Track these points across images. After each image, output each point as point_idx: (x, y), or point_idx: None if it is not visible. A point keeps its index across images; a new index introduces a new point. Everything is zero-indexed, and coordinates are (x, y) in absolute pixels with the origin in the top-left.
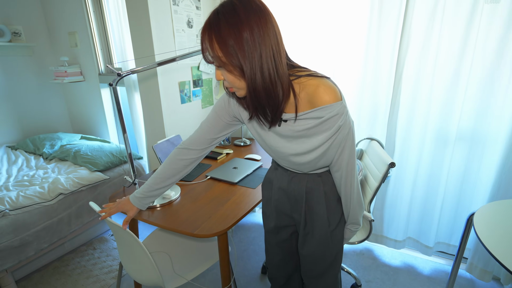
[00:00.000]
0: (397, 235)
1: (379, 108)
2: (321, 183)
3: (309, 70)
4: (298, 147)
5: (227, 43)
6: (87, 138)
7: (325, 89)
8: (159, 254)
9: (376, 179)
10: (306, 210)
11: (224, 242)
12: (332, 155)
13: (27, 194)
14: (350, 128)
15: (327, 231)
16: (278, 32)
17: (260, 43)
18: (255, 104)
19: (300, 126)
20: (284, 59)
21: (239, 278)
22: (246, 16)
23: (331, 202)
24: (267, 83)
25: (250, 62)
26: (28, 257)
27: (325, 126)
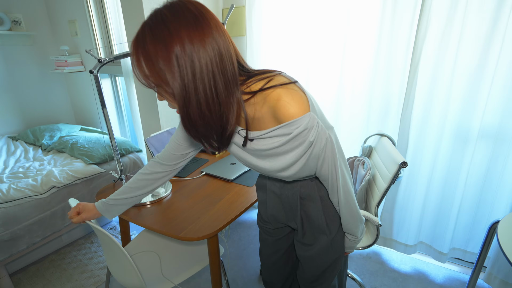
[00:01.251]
0: (407, 239)
1: (392, 101)
2: (315, 188)
3: (267, 77)
4: (273, 164)
5: (154, 61)
6: (86, 130)
7: (289, 101)
8: (149, 254)
9: (385, 180)
10: (303, 217)
11: (214, 245)
12: (313, 166)
13: (19, 186)
14: (327, 140)
15: (327, 240)
16: (225, 43)
17: (193, 60)
18: (193, 132)
19: (267, 145)
20: (232, 76)
21: (236, 279)
22: (176, 28)
23: (328, 207)
24: (203, 109)
25: (182, 84)
26: (19, 251)
27: (295, 142)
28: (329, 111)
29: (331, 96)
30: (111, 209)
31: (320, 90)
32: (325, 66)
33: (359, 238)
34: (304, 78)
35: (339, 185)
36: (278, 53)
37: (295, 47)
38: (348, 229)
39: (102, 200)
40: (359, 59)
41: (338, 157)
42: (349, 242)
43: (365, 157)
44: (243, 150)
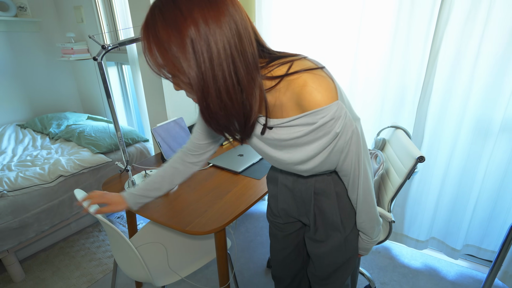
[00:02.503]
0: (419, 235)
1: (408, 91)
2: (331, 183)
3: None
4: (291, 156)
5: (167, 48)
6: (93, 119)
7: (316, 87)
8: (155, 245)
9: (400, 175)
10: (316, 213)
11: (221, 239)
12: (335, 160)
13: (27, 175)
14: (353, 132)
15: (340, 238)
16: (242, 20)
17: (210, 44)
18: (214, 124)
19: (288, 135)
20: (252, 59)
21: (242, 271)
22: (189, 9)
23: (345, 203)
24: (224, 99)
25: (199, 72)
26: (28, 239)
27: (319, 133)
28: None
29: (343, 86)
30: (140, 201)
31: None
32: (338, 53)
33: (374, 240)
34: None
35: (360, 181)
36: (288, 39)
37: (306, 32)
38: (362, 228)
39: (132, 192)
40: (374, 46)
41: (362, 151)
42: (362, 243)
43: (378, 150)
44: (260, 139)
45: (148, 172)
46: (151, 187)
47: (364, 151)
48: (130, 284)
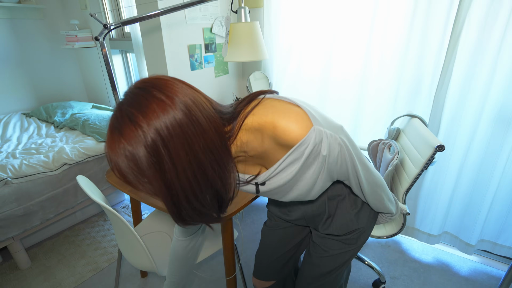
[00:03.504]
0: (431, 229)
1: (425, 78)
2: (343, 186)
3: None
4: (294, 194)
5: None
6: (98, 108)
7: (286, 123)
8: (160, 235)
9: (417, 165)
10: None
11: (228, 229)
12: (334, 173)
13: (31, 162)
14: (340, 145)
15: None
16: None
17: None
18: (190, 224)
19: (282, 179)
20: (220, 144)
21: (249, 263)
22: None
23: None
24: (194, 203)
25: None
26: (33, 226)
27: (309, 160)
28: (352, 87)
29: (356, 72)
30: (177, 284)
31: (343, 64)
32: (350, 37)
33: (394, 213)
34: (327, 50)
35: (362, 180)
36: (298, 25)
37: (317, 16)
38: (381, 210)
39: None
40: (390, 30)
41: (354, 155)
42: (385, 218)
43: (391, 140)
44: (257, 193)
45: None
46: (185, 276)
47: (356, 154)
48: (135, 273)
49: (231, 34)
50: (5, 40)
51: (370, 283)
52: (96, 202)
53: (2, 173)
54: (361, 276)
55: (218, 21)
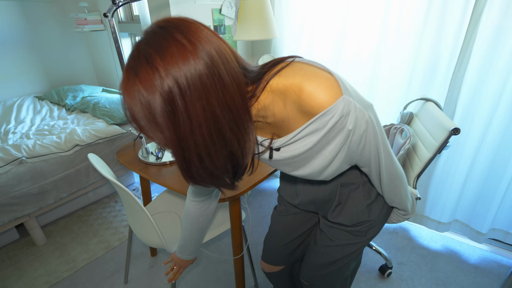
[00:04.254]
0: (441, 216)
1: (441, 61)
2: (358, 174)
3: (278, 70)
4: (308, 169)
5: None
6: (108, 91)
7: (314, 88)
8: (169, 215)
9: (430, 149)
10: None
11: (236, 209)
12: (354, 155)
13: (44, 143)
14: (367, 123)
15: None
16: (227, 65)
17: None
18: (200, 184)
19: (298, 150)
20: (241, 103)
21: (256, 246)
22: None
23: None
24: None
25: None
26: (48, 205)
27: (331, 134)
28: (365, 70)
29: (368, 54)
30: (189, 250)
31: (356, 44)
32: (365, 15)
33: (409, 212)
34: (339, 28)
35: (382, 169)
36: (310, 4)
37: None
38: (395, 205)
39: (178, 251)
40: (406, 9)
41: (380, 139)
42: (397, 217)
43: (404, 125)
44: (269, 162)
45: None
46: (190, 237)
47: (382, 138)
48: (145, 252)
49: (241, 11)
50: (16, 23)
51: (377, 268)
52: (108, 180)
53: (17, 152)
54: (368, 261)
55: (227, 2)
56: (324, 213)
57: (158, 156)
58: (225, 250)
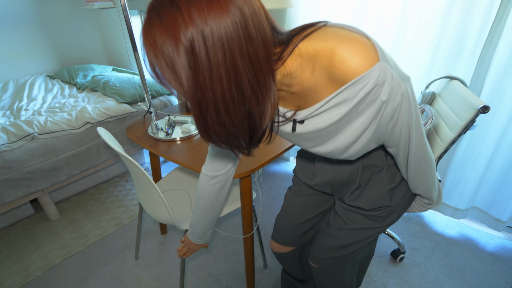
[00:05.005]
0: (459, 203)
1: (468, 38)
2: (383, 156)
3: (308, 33)
4: (332, 145)
5: (163, 53)
6: (118, 70)
7: (348, 51)
8: (179, 192)
9: (454, 129)
10: (358, 188)
11: (247, 186)
12: (383, 132)
13: (55, 119)
14: (402, 96)
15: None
16: (254, 16)
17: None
18: (214, 141)
19: (324, 122)
20: (265, 61)
21: (265, 227)
22: (189, 10)
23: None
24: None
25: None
26: (60, 181)
27: (362, 105)
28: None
29: (389, 29)
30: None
31: (377, 16)
32: None
33: (434, 202)
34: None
35: (411, 150)
36: None
37: None
38: (419, 192)
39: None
40: None
41: (414, 116)
42: (419, 206)
43: (425, 105)
44: (292, 137)
45: (171, 118)
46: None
47: (416, 116)
48: (156, 230)
49: None
50: (26, 1)
51: (389, 253)
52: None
53: (29, 128)
54: (380, 245)
55: None
56: (341, 195)
57: (168, 132)
58: (234, 230)
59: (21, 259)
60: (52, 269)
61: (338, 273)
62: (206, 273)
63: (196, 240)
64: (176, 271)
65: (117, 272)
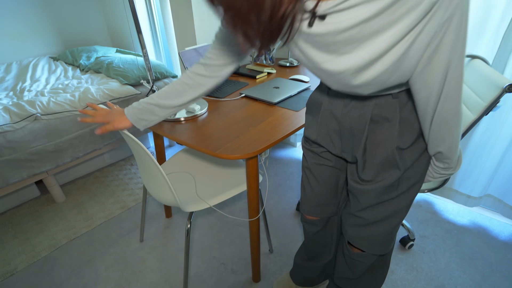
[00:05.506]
0: (472, 190)
1: (491, 14)
2: (396, 108)
3: None
4: (350, 58)
5: None
6: (122, 52)
7: None
8: (183, 175)
9: (475, 110)
10: (367, 148)
11: (253, 168)
12: (413, 62)
13: (58, 100)
14: (456, 7)
15: (396, 176)
16: None
17: None
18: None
19: (349, 21)
20: None
21: (271, 212)
22: None
23: (409, 131)
24: None
25: None
26: (65, 163)
27: (401, 9)
28: None
29: None
30: (143, 117)
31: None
32: None
33: (452, 169)
34: None
35: (444, 95)
36: None
37: None
38: (437, 157)
39: (133, 105)
40: None
41: (460, 46)
42: (435, 173)
43: None
44: (306, 39)
45: None
46: (155, 102)
47: (462, 47)
48: (160, 213)
49: None
50: None
51: (398, 240)
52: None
53: (31, 108)
54: None
55: None
56: (351, 155)
57: None
58: (240, 215)
59: (28, 240)
60: (58, 250)
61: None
62: (211, 257)
63: (130, 109)
64: (180, 254)
65: (122, 254)
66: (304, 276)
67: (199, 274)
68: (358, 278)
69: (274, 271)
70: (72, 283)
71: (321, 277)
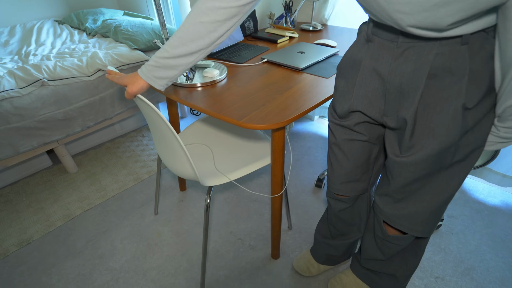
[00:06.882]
0: (509, 169)
1: None
2: (465, 56)
3: None
4: None
5: None
6: (129, 15)
7: None
8: (200, 147)
9: None
10: (419, 110)
11: (280, 140)
12: None
13: (65, 65)
14: None
15: (451, 141)
16: None
17: None
18: None
19: None
20: None
21: (289, 188)
22: None
23: (478, 85)
24: None
25: None
26: (75, 132)
27: None
28: None
29: None
30: (158, 74)
31: None
32: None
33: None
34: None
35: None
36: None
37: None
38: (506, 109)
39: (147, 63)
40: None
41: None
42: (496, 135)
43: None
44: None
45: None
46: (169, 54)
47: None
48: (174, 186)
49: None
50: None
51: None
52: (134, 113)
53: (37, 73)
54: None
55: None
56: (395, 122)
57: (188, 76)
58: (256, 190)
59: (42, 209)
60: (72, 220)
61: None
62: (228, 232)
63: (143, 68)
64: (196, 228)
65: (137, 227)
66: (327, 254)
67: (216, 249)
68: (388, 259)
69: (293, 248)
70: (88, 253)
71: (346, 255)
